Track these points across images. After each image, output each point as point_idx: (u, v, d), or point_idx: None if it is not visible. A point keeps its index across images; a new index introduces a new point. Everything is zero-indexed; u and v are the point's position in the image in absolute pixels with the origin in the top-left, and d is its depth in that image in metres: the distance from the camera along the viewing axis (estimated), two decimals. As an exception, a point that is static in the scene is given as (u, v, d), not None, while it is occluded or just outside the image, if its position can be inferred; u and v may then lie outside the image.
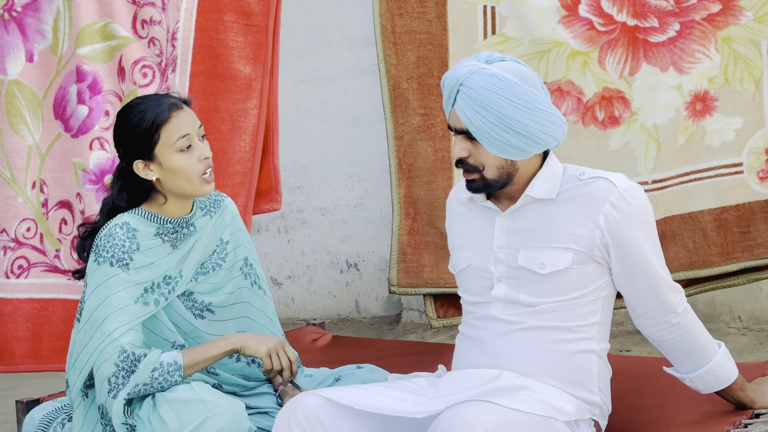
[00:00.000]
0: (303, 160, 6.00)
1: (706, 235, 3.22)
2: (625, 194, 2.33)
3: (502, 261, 2.40)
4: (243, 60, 3.42)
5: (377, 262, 6.02)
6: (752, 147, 3.18)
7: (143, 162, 2.53)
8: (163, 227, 2.57)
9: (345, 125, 6.02)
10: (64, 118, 3.43)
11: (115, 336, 2.42)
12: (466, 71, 2.31)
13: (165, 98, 2.54)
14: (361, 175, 6.00)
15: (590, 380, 2.36)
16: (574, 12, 3.26)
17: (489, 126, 2.28)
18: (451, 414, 2.11)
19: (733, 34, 3.16)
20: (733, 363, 2.44)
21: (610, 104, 3.28)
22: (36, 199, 3.46)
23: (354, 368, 2.70)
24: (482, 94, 2.28)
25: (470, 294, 2.47)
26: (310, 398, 2.25)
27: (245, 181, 3.43)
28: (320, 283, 6.17)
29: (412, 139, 3.43)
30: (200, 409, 2.34)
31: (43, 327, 3.47)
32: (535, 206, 2.39)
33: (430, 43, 3.41)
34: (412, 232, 3.45)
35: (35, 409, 2.60)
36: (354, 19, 5.90)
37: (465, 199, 2.51)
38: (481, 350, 2.39)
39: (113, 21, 3.38)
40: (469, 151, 2.35)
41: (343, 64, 5.99)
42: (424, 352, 3.14)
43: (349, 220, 6.07)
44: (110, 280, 2.46)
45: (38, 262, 3.47)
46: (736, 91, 3.18)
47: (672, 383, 2.49)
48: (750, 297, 4.83)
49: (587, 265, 2.35)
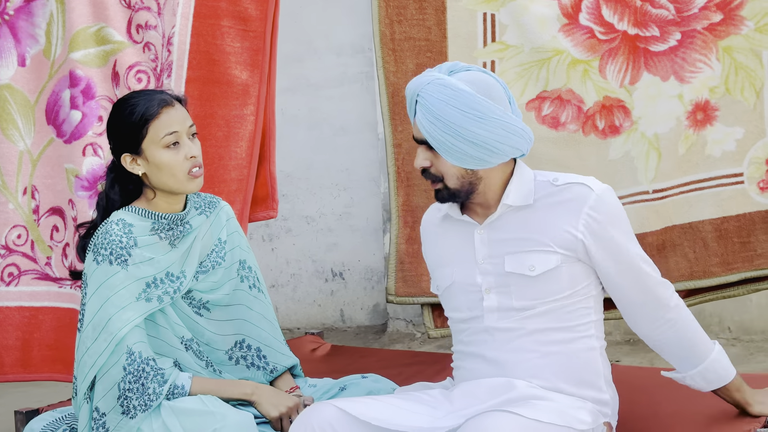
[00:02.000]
0: (288, 168, 5.96)
1: (706, 245, 3.21)
2: (602, 196, 2.36)
3: (489, 271, 2.40)
4: (240, 66, 3.38)
5: (363, 271, 5.99)
6: (753, 157, 3.18)
7: (131, 156, 2.55)
8: (158, 223, 2.57)
9: (331, 133, 5.99)
10: (57, 124, 3.37)
11: (121, 335, 2.41)
12: (422, 82, 2.33)
13: (158, 94, 2.56)
14: (347, 183, 5.97)
15: (598, 377, 2.38)
16: (575, 20, 3.25)
17: (444, 137, 2.30)
18: (473, 425, 2.10)
19: (734, 43, 3.16)
20: (729, 361, 2.45)
21: (611, 113, 3.26)
22: (27, 205, 3.40)
23: (359, 378, 2.67)
24: (436, 105, 2.29)
25: (459, 311, 2.46)
26: (326, 409, 2.22)
27: (241, 189, 3.39)
28: (305, 292, 6.13)
29: (411, 146, 3.41)
30: (208, 420, 2.30)
31: (33, 336, 3.42)
32: (513, 215, 2.40)
33: (429, 51, 3.39)
34: (410, 240, 3.42)
35: (34, 420, 2.55)
36: (341, 27, 5.88)
37: (438, 219, 2.53)
38: (486, 362, 2.38)
39: (108, 25, 3.33)
40: (430, 161, 2.37)
41: (330, 71, 5.96)
42: (427, 362, 3.11)
43: (335, 229, 6.03)
44: (111, 279, 2.45)
45: (29, 269, 3.41)
46: (737, 100, 3.18)
47: (681, 393, 2.48)
48: (740, 308, 4.84)
49: (574, 264, 2.36)
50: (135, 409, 2.39)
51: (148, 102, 2.52)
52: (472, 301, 2.41)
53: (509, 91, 2.40)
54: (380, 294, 5.94)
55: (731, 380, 2.43)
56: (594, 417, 2.31)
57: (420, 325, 5.68)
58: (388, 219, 5.72)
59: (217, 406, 2.34)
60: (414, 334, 5.62)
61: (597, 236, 2.34)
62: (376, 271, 5.94)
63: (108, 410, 2.40)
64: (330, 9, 5.93)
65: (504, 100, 2.35)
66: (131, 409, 2.39)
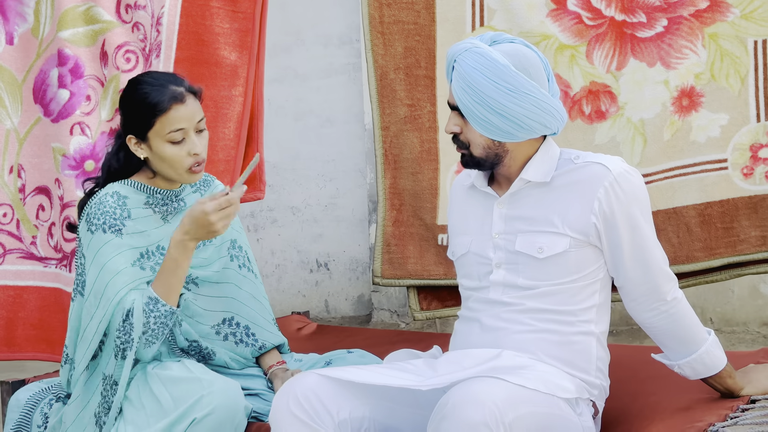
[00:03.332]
0: (274, 158, 5.96)
1: (690, 230, 3.24)
2: (618, 178, 2.34)
3: (501, 247, 2.41)
4: (229, 47, 3.39)
5: (348, 262, 6.00)
6: (737, 143, 3.21)
7: (136, 139, 2.57)
8: (153, 197, 2.60)
9: (318, 124, 5.99)
10: (44, 103, 3.37)
11: (118, 299, 2.42)
12: (461, 48, 2.36)
13: (172, 86, 2.55)
14: (333, 174, 5.98)
15: (588, 363, 2.38)
16: (563, 5, 3.27)
17: (474, 105, 2.32)
18: (460, 390, 2.11)
19: (720, 30, 3.18)
20: (722, 351, 2.45)
21: (597, 98, 3.29)
22: (13, 184, 3.40)
23: (344, 353, 2.69)
24: (469, 73, 2.31)
25: (470, 279, 2.47)
26: (309, 377, 2.22)
27: (229, 169, 3.39)
28: (289, 282, 6.13)
29: (399, 129, 3.42)
30: (195, 387, 2.31)
31: (17, 315, 3.41)
32: (531, 191, 2.40)
33: (418, 34, 3.40)
34: (397, 223, 3.43)
35: (21, 390, 2.55)
36: (328, 18, 5.88)
37: (467, 185, 2.54)
38: (481, 329, 2.40)
39: (96, 5, 3.33)
40: (460, 127, 2.39)
41: (317, 62, 5.97)
42: (413, 340, 3.12)
43: (320, 220, 6.04)
44: (105, 246, 2.47)
45: (14, 248, 3.41)
46: (722, 87, 3.20)
47: (667, 372, 2.50)
48: (721, 299, 4.88)
49: (584, 248, 2.36)
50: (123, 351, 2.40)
51: (160, 95, 2.52)
52: (481, 273, 2.43)
53: (550, 68, 2.41)
54: (365, 285, 5.95)
55: (719, 371, 2.43)
56: (577, 387, 2.32)
57: (404, 315, 5.70)
58: (373, 209, 5.74)
59: (203, 373, 2.36)
60: (398, 324, 5.63)
61: (607, 219, 2.34)
62: (361, 262, 5.95)
63: (112, 371, 2.42)
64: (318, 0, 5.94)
65: (542, 77, 2.36)
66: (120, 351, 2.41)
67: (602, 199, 2.33)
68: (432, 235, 3.40)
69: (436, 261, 3.38)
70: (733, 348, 4.53)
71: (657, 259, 2.39)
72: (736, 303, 4.87)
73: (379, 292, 5.72)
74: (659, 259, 2.39)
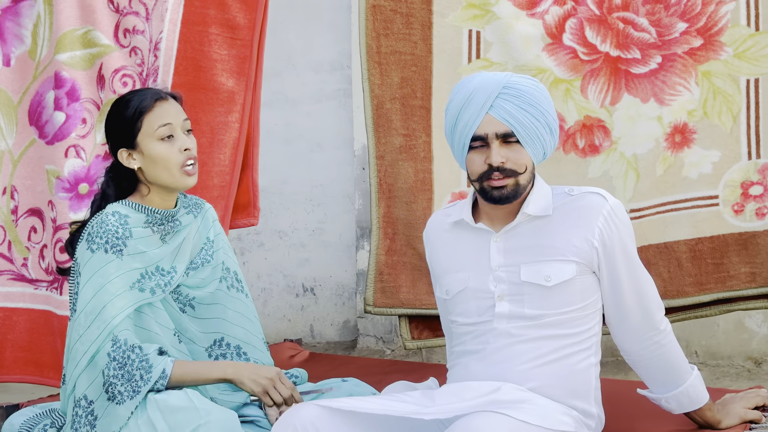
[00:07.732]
0: (263, 182, 5.92)
1: (680, 265, 3.27)
2: (615, 208, 2.42)
3: (503, 279, 2.43)
4: (226, 73, 3.40)
5: (334, 287, 5.99)
6: (728, 180, 3.25)
7: (127, 151, 2.59)
8: (152, 217, 2.61)
9: (307, 149, 6.00)
10: (40, 125, 3.37)
11: (115, 323, 2.43)
12: (504, 76, 2.41)
13: (152, 89, 2.63)
14: (321, 199, 5.98)
15: (588, 391, 2.41)
16: (559, 40, 3.31)
17: (533, 122, 2.37)
18: (462, 425, 2.11)
19: (714, 68, 3.23)
20: (704, 386, 2.51)
21: (591, 132, 3.32)
22: (6, 205, 3.39)
23: (339, 381, 2.68)
24: (528, 92, 2.38)
25: (467, 316, 2.47)
26: (308, 408, 2.22)
27: (223, 195, 3.40)
28: (275, 306, 6.12)
29: (394, 159, 3.44)
30: (192, 416, 2.31)
31: (6, 337, 3.39)
32: (529, 223, 2.44)
33: (414, 65, 3.43)
34: (390, 252, 3.45)
35: (14, 415, 2.53)
36: (320, 44, 5.91)
37: (448, 225, 2.55)
38: (483, 360, 2.40)
39: (95, 28, 3.33)
40: (506, 156, 2.39)
41: (308, 88, 5.98)
42: (406, 370, 3.13)
43: (307, 244, 6.03)
44: (106, 267, 2.47)
45: (5, 270, 3.40)
46: (715, 124, 3.24)
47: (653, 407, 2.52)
48: (707, 332, 4.90)
49: (587, 275, 2.41)
50: (121, 395, 2.39)
51: (142, 96, 2.59)
52: (482, 307, 2.44)
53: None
54: (351, 310, 5.94)
55: (703, 404, 2.48)
56: (576, 421, 2.34)
57: (390, 342, 5.70)
58: (361, 236, 5.74)
59: (202, 403, 2.35)
60: (384, 351, 5.63)
61: (608, 246, 2.39)
62: (348, 288, 5.95)
63: (96, 398, 2.40)
64: (310, 26, 5.96)
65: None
66: (116, 395, 2.39)
67: (602, 228, 2.39)
68: (425, 265, 3.41)
69: (428, 290, 3.39)
70: (718, 381, 4.55)
71: (649, 286, 2.45)
72: (721, 337, 4.90)
73: (365, 318, 5.72)
74: (651, 287, 2.45)
